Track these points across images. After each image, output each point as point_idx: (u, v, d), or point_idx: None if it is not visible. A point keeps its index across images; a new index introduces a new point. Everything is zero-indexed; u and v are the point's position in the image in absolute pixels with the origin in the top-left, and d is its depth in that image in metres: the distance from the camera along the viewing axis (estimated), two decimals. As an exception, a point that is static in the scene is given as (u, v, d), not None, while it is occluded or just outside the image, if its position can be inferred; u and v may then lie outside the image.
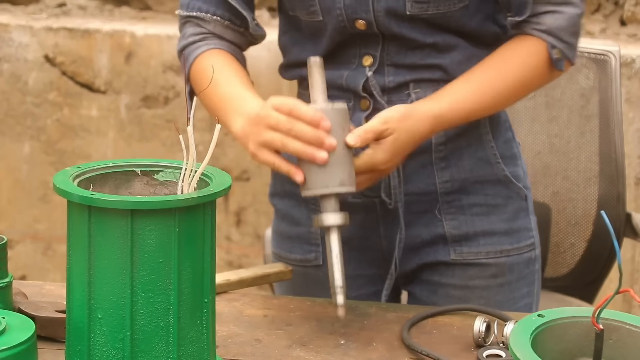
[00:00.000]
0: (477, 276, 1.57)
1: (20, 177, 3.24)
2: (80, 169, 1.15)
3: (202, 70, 1.55)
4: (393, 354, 1.30)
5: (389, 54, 1.50)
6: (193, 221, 1.09)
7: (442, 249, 1.57)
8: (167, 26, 3.16)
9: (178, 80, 3.09)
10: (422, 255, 1.57)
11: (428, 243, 1.57)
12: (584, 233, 2.05)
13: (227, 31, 1.57)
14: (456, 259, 1.57)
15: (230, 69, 1.54)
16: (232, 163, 3.12)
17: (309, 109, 1.32)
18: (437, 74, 1.50)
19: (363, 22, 1.47)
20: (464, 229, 1.56)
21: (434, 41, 1.48)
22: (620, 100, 2.04)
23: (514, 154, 1.59)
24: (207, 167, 1.14)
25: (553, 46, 1.47)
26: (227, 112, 1.46)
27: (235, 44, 1.59)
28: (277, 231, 1.68)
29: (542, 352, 1.01)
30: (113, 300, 1.08)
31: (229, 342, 1.32)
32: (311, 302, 1.47)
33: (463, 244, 1.56)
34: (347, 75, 1.51)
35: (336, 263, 1.31)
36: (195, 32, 1.58)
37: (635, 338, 1.06)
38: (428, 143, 1.52)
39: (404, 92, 1.51)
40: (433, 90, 1.49)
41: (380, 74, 1.50)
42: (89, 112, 3.17)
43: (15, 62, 3.17)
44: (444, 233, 1.56)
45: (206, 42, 1.57)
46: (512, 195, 1.58)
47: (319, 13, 1.49)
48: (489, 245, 1.57)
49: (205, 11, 1.56)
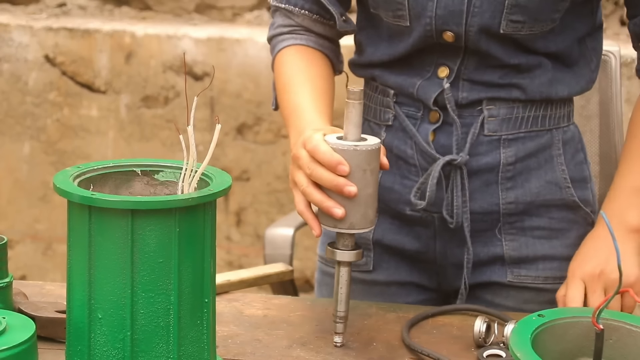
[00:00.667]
0: (532, 300, 1.51)
1: (20, 177, 3.24)
2: (81, 169, 1.15)
3: (280, 67, 1.53)
4: (393, 354, 1.30)
5: (467, 68, 1.44)
6: (193, 221, 1.09)
7: (499, 269, 1.51)
8: (167, 26, 3.16)
9: (178, 80, 3.09)
10: (476, 274, 1.51)
11: (485, 262, 1.51)
12: (584, 233, 2.04)
13: (316, 25, 1.53)
14: (513, 281, 1.51)
15: (305, 73, 1.50)
16: (232, 163, 3.12)
17: (327, 150, 1.26)
18: (514, 93, 1.45)
19: (452, 34, 1.41)
20: (524, 251, 1.50)
21: (518, 62, 1.43)
22: (620, 101, 2.03)
23: (585, 177, 1.53)
24: (207, 167, 1.14)
25: None
26: (289, 125, 1.46)
27: (325, 36, 1.55)
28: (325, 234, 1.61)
29: (543, 352, 1.01)
30: (113, 300, 1.08)
31: (229, 342, 1.32)
32: (311, 302, 1.47)
33: (522, 267, 1.50)
34: (419, 84, 1.46)
35: (342, 294, 1.31)
36: (284, 24, 1.55)
37: (635, 338, 1.06)
38: (496, 162, 1.47)
39: (476, 108, 1.45)
40: (507, 109, 1.45)
41: (455, 88, 1.45)
42: (89, 112, 3.17)
43: (15, 62, 3.17)
44: (503, 254, 1.50)
45: (293, 35, 1.54)
46: (579, 220, 1.52)
47: (406, 18, 1.43)
48: (549, 270, 1.51)
49: (294, 4, 1.53)
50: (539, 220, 1.50)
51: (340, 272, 1.31)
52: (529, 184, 1.48)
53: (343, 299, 1.31)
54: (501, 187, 1.48)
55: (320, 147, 1.27)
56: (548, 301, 1.49)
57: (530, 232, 1.50)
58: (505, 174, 1.47)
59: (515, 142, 1.47)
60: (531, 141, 1.48)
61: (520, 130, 1.47)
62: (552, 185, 1.49)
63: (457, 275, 1.52)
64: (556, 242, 1.51)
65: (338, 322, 1.31)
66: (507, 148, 1.47)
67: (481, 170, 1.46)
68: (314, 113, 1.43)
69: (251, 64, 3.00)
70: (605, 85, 2.03)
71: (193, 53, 3.07)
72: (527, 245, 1.50)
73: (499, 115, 1.46)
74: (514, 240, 1.50)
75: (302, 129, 1.38)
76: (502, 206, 1.48)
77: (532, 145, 1.48)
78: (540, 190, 1.49)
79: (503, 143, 1.47)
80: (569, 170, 1.50)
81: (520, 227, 1.50)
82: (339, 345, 1.31)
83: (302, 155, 1.30)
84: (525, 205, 1.49)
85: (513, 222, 1.49)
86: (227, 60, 3.03)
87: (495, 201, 1.48)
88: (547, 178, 1.49)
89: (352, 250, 1.30)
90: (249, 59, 3.02)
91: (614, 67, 2.04)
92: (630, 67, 2.82)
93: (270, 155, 3.11)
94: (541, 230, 1.50)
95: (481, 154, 1.47)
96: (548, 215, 1.50)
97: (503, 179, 1.48)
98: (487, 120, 1.46)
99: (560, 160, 1.49)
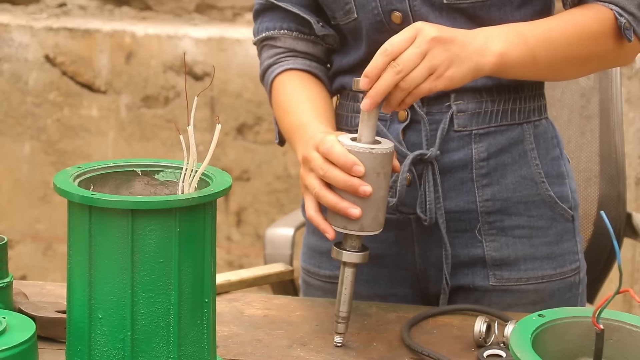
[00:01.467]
0: (515, 303, 1.50)
1: (21, 177, 3.24)
2: (81, 169, 1.15)
3: (276, 95, 1.53)
4: (393, 354, 1.30)
5: None
6: (193, 221, 1.09)
7: (480, 272, 1.50)
8: (168, 26, 3.16)
9: (178, 80, 3.09)
10: (459, 276, 1.51)
11: (467, 264, 1.50)
12: (584, 233, 2.04)
13: (299, 43, 1.55)
14: (495, 285, 1.50)
15: (302, 93, 1.50)
16: (233, 163, 3.12)
17: (342, 151, 1.27)
18: (480, 80, 1.43)
19: (399, 14, 1.42)
20: (505, 252, 1.49)
21: None
22: (620, 100, 2.04)
23: (562, 172, 1.52)
24: (207, 167, 1.14)
25: (620, 14, 1.39)
26: (294, 141, 1.45)
27: (312, 56, 1.56)
28: (306, 244, 1.63)
29: (543, 352, 1.01)
30: (113, 300, 1.08)
31: (230, 342, 1.32)
32: (311, 302, 1.47)
33: (503, 269, 1.50)
34: None
35: (345, 295, 1.31)
36: (269, 55, 1.56)
37: (635, 338, 1.06)
38: (469, 158, 1.46)
39: (444, 104, 1.46)
40: (476, 103, 1.45)
41: None
42: (89, 112, 3.17)
43: (15, 62, 3.17)
44: (484, 255, 1.49)
45: (280, 62, 1.54)
46: (557, 217, 1.51)
47: (353, 10, 1.45)
48: (531, 270, 1.50)
49: (272, 28, 1.54)
50: (518, 219, 1.50)
51: (345, 272, 1.30)
52: (505, 180, 1.48)
53: (346, 300, 1.31)
54: (477, 185, 1.48)
55: (335, 148, 1.27)
56: (531, 302, 1.50)
57: (510, 232, 1.50)
58: (479, 170, 1.47)
59: (486, 136, 1.47)
60: (502, 135, 1.48)
61: (490, 125, 1.47)
62: (528, 180, 1.49)
63: (439, 278, 1.51)
64: (536, 240, 1.51)
65: (340, 323, 1.31)
66: (478, 143, 1.47)
67: (454, 167, 1.46)
68: (319, 125, 1.42)
69: (251, 64, 3.00)
70: (605, 85, 2.03)
71: (193, 53, 3.07)
72: (508, 246, 1.50)
73: (467, 110, 1.46)
74: (494, 241, 1.50)
75: (309, 137, 1.37)
76: (479, 204, 1.48)
77: (502, 139, 1.48)
78: (516, 186, 1.49)
79: (474, 138, 1.47)
80: (543, 165, 1.50)
81: (500, 227, 1.49)
82: (340, 345, 1.31)
83: (314, 157, 1.30)
84: (503, 202, 1.49)
85: (492, 221, 1.49)
86: (228, 60, 3.03)
87: (471, 199, 1.48)
88: (521, 173, 1.49)
89: (359, 252, 1.30)
90: (249, 58, 3.02)
91: (614, 67, 2.04)
92: (630, 67, 2.82)
93: (271, 155, 3.11)
94: (521, 229, 1.50)
95: (453, 150, 1.47)
96: (527, 213, 1.50)
97: (478, 176, 1.47)
98: (456, 115, 1.46)
99: (534, 155, 1.49)
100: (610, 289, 1.48)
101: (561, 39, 1.39)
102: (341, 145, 1.27)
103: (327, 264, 1.57)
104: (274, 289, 1.90)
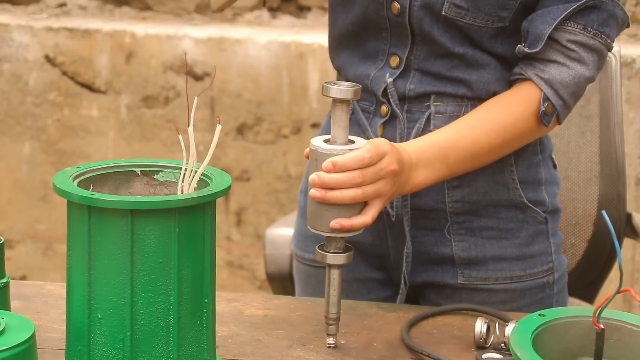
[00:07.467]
0: (485, 302, 1.51)
1: (21, 177, 3.24)
2: (80, 169, 1.15)
3: None
4: (393, 354, 1.30)
5: (416, 58, 1.45)
6: (193, 221, 1.09)
7: (449, 270, 1.52)
8: (168, 26, 3.16)
9: (178, 80, 3.09)
10: (429, 272, 1.53)
11: (436, 262, 1.52)
12: (584, 233, 2.05)
13: None
14: (464, 283, 1.52)
15: None
16: (233, 163, 3.12)
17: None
18: (461, 89, 1.45)
19: (398, 6, 1.42)
20: (473, 252, 1.51)
21: (463, 52, 1.43)
22: (620, 100, 2.04)
23: (539, 179, 1.53)
24: (207, 167, 1.14)
25: (546, 99, 1.41)
26: None
27: None
28: (296, 228, 1.66)
29: (543, 351, 1.01)
30: (113, 300, 1.08)
31: (229, 342, 1.32)
32: (311, 302, 1.47)
33: (472, 268, 1.51)
34: (373, 75, 1.48)
35: (333, 296, 1.31)
36: None
37: (636, 338, 1.06)
38: None
39: (424, 103, 1.47)
40: (455, 106, 1.46)
41: (405, 79, 1.46)
42: (89, 112, 3.17)
43: (15, 62, 3.17)
44: (452, 254, 1.51)
45: None
46: (529, 220, 1.52)
47: None
48: (499, 271, 1.52)
49: None
50: (487, 220, 1.51)
51: (331, 274, 1.31)
52: (476, 184, 1.49)
53: (335, 301, 1.31)
54: (447, 185, 1.48)
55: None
56: (501, 301, 1.52)
57: (479, 233, 1.51)
58: None
59: None
60: None
61: None
62: (500, 185, 1.50)
63: (414, 271, 1.53)
64: (505, 242, 1.52)
65: (330, 324, 1.31)
66: None
67: None
68: None
69: (251, 64, 3.00)
70: (605, 85, 2.03)
71: (193, 53, 3.07)
72: (476, 246, 1.51)
73: (446, 112, 1.47)
74: (463, 241, 1.51)
75: None
76: (448, 204, 1.49)
77: None
78: (487, 190, 1.50)
79: None
80: (518, 172, 1.50)
81: (469, 228, 1.51)
82: (332, 346, 1.32)
83: None
84: (472, 204, 1.50)
85: (461, 222, 1.50)
86: (228, 60, 3.03)
87: (441, 199, 1.49)
88: (494, 179, 1.49)
89: (344, 253, 1.30)
90: (249, 59, 3.02)
91: (614, 67, 2.04)
92: (630, 67, 2.82)
93: (271, 156, 3.11)
94: (490, 230, 1.51)
95: None
96: (497, 215, 1.51)
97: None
98: (433, 116, 1.47)
99: (509, 162, 1.50)
100: (610, 289, 1.48)
101: (483, 150, 1.42)
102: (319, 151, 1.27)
103: (312, 248, 1.57)
104: (274, 289, 1.90)
